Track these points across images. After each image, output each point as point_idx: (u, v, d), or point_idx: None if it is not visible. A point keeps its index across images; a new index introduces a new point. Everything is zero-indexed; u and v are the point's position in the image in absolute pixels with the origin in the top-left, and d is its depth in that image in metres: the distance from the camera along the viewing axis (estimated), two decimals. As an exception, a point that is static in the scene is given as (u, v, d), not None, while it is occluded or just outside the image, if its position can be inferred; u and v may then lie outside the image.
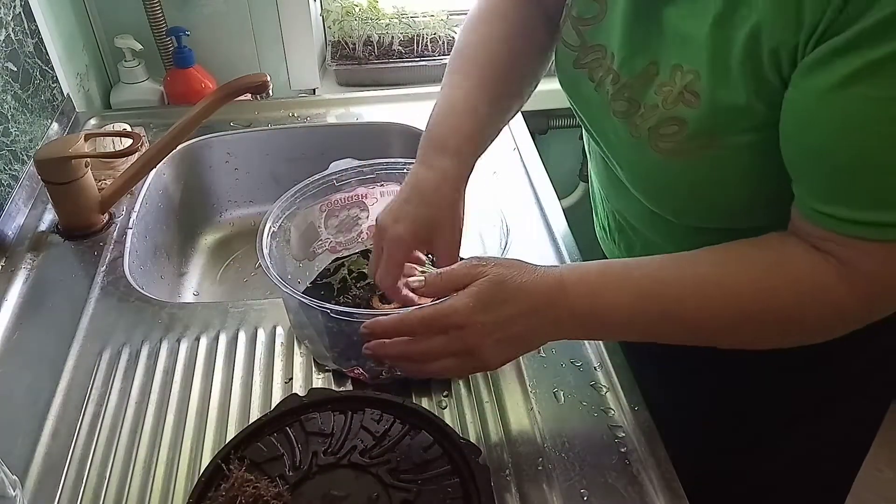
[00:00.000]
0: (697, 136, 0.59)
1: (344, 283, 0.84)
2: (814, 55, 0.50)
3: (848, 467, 0.91)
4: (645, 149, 0.63)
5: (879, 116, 0.49)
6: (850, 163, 0.52)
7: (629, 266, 0.63)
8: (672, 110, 0.60)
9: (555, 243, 0.93)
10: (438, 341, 0.62)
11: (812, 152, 0.54)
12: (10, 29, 1.01)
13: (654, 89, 0.61)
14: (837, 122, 0.51)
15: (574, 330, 0.63)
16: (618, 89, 0.65)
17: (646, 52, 0.62)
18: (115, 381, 0.75)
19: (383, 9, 1.44)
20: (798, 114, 0.53)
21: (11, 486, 0.58)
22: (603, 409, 0.71)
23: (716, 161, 0.60)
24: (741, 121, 0.57)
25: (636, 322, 0.61)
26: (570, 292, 0.61)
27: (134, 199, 1.03)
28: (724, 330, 0.61)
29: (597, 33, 0.68)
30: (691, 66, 0.58)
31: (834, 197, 0.54)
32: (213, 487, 0.61)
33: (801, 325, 0.59)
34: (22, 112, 1.02)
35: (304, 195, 0.81)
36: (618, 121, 0.65)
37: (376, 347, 0.65)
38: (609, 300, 0.61)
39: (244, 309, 0.84)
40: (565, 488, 0.64)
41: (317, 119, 1.21)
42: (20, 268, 0.91)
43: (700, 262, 0.60)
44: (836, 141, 0.52)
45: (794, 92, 0.53)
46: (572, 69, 0.71)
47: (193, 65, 1.30)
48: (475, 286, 0.61)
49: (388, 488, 0.61)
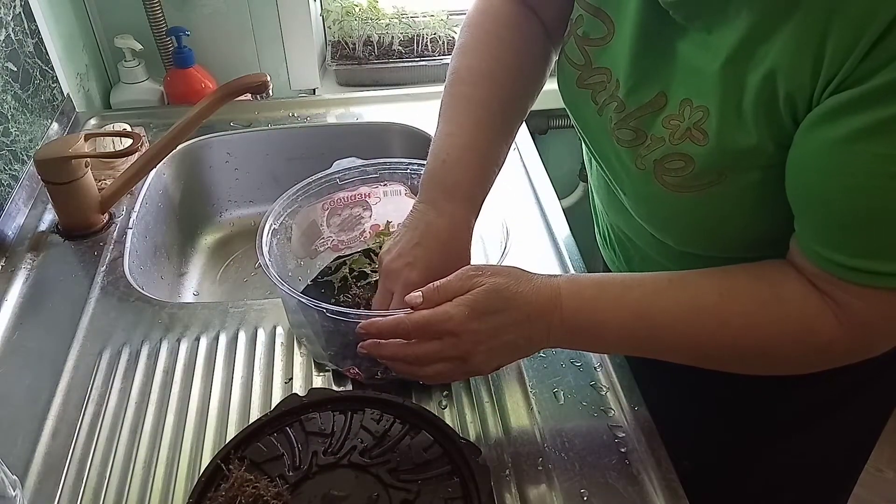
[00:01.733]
0: (704, 173, 0.59)
1: (345, 281, 0.84)
2: (826, 104, 0.50)
3: (850, 469, 0.90)
4: (650, 181, 0.63)
5: (883, 172, 0.49)
6: (849, 214, 0.52)
7: (627, 285, 0.63)
8: (679, 146, 0.60)
9: (555, 243, 0.93)
10: (432, 346, 0.62)
11: (815, 198, 0.54)
12: (10, 29, 1.01)
13: (662, 121, 0.61)
14: (842, 174, 0.51)
15: (564, 341, 0.64)
16: (623, 118, 0.64)
17: (655, 82, 0.62)
18: (115, 381, 0.75)
19: (383, 9, 1.44)
20: (802, 157, 0.54)
21: (11, 485, 0.58)
22: (603, 409, 0.71)
23: (722, 197, 0.60)
24: (750, 160, 0.57)
25: (625, 340, 0.63)
26: (566, 306, 0.61)
27: (134, 199, 1.03)
28: (711, 357, 0.62)
29: (603, 55, 0.67)
30: (701, 103, 0.58)
31: (832, 242, 0.54)
32: (213, 487, 0.61)
33: (787, 362, 0.62)
34: (22, 112, 1.02)
35: (307, 193, 0.81)
36: (622, 149, 0.65)
37: (371, 347, 0.65)
38: (602, 318, 0.62)
39: (244, 309, 0.84)
40: (565, 488, 0.64)
41: (317, 119, 1.21)
42: (20, 268, 0.91)
43: (698, 289, 0.61)
44: (839, 192, 0.52)
45: (802, 136, 0.53)
46: (575, 87, 0.70)
47: (193, 65, 1.30)
48: (472, 295, 0.61)
49: (388, 488, 0.61)
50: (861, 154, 0.49)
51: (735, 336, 0.59)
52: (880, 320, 0.56)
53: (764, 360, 0.62)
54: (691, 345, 0.62)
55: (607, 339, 0.63)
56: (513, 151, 1.12)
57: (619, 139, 0.65)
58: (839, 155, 0.51)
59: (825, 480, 0.90)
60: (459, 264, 0.67)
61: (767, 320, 0.58)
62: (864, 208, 0.51)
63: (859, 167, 0.50)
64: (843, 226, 0.53)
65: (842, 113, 0.50)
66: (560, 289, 0.62)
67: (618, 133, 0.65)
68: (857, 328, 0.56)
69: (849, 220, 0.53)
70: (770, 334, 0.58)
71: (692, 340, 0.61)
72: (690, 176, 0.60)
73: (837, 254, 0.54)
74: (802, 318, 0.57)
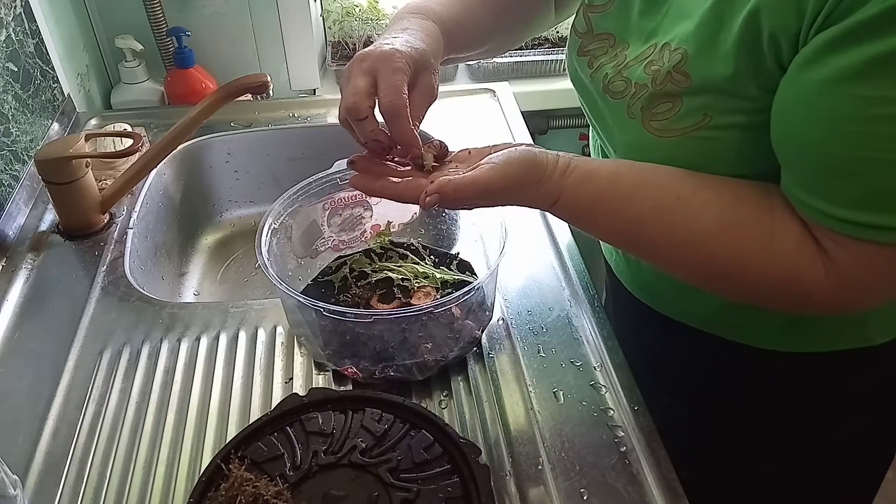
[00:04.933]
0: (689, 114, 0.59)
1: (345, 281, 0.84)
2: (811, 46, 0.50)
3: (858, 475, 0.89)
4: (640, 129, 0.63)
5: (869, 116, 0.48)
6: (834, 159, 0.51)
7: (629, 197, 0.62)
8: (662, 88, 0.60)
9: (554, 243, 0.93)
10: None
11: (798, 143, 0.54)
12: (11, 29, 1.01)
13: (644, 67, 0.62)
14: (827, 116, 0.51)
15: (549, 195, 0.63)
16: (618, 70, 0.66)
17: (651, 36, 0.64)
18: (116, 381, 0.76)
19: (383, 9, 1.44)
20: (789, 103, 0.53)
21: (12, 485, 0.58)
22: (603, 409, 0.71)
23: (707, 142, 0.60)
24: (732, 99, 0.57)
25: (616, 234, 0.65)
26: (564, 199, 0.62)
27: (134, 199, 1.03)
28: (693, 276, 0.64)
29: (603, 21, 0.69)
30: (679, 45, 0.59)
31: (815, 189, 0.54)
32: (214, 487, 0.61)
33: (765, 298, 0.62)
34: (22, 112, 1.03)
35: (307, 193, 0.82)
36: (615, 102, 0.66)
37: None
38: (597, 212, 0.63)
39: (244, 309, 0.84)
40: (565, 488, 0.64)
41: (317, 119, 1.21)
42: (21, 268, 0.91)
43: (700, 214, 0.59)
44: (824, 135, 0.51)
45: (788, 80, 0.53)
46: (576, 56, 0.72)
47: (194, 65, 1.30)
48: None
49: (388, 488, 0.61)
50: (845, 96, 0.49)
51: (723, 265, 0.59)
52: (865, 275, 0.54)
53: (744, 290, 0.61)
54: (679, 263, 0.62)
55: (599, 223, 0.64)
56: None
57: (612, 93, 0.66)
58: (823, 98, 0.50)
59: (828, 486, 0.88)
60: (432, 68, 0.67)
61: (759, 256, 0.57)
62: (848, 155, 0.50)
63: (843, 110, 0.49)
64: (827, 172, 0.52)
65: (825, 52, 0.49)
66: (563, 189, 0.62)
67: (611, 87, 0.66)
68: (841, 280, 0.55)
69: (833, 167, 0.52)
70: (758, 269, 0.58)
71: (681, 261, 0.62)
72: (676, 118, 0.60)
73: (822, 202, 0.53)
74: (794, 261, 0.56)
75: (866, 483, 0.89)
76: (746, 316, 0.71)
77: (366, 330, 0.72)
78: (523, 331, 0.80)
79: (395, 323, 0.72)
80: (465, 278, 0.83)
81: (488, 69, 1.50)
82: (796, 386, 0.78)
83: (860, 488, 0.89)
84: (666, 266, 0.65)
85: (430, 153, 0.64)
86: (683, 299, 0.77)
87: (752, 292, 0.61)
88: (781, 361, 0.75)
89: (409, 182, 0.63)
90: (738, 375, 0.80)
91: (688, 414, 0.85)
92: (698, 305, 0.76)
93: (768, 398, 0.80)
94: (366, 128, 0.63)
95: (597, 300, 0.83)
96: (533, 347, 0.78)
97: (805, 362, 0.74)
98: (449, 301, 0.70)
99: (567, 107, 1.53)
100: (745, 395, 0.82)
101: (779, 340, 0.74)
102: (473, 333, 0.77)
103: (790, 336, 0.73)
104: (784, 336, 0.73)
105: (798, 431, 0.82)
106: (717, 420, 0.86)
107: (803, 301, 0.59)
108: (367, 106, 0.62)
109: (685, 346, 0.81)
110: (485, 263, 0.85)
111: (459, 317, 0.75)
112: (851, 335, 0.72)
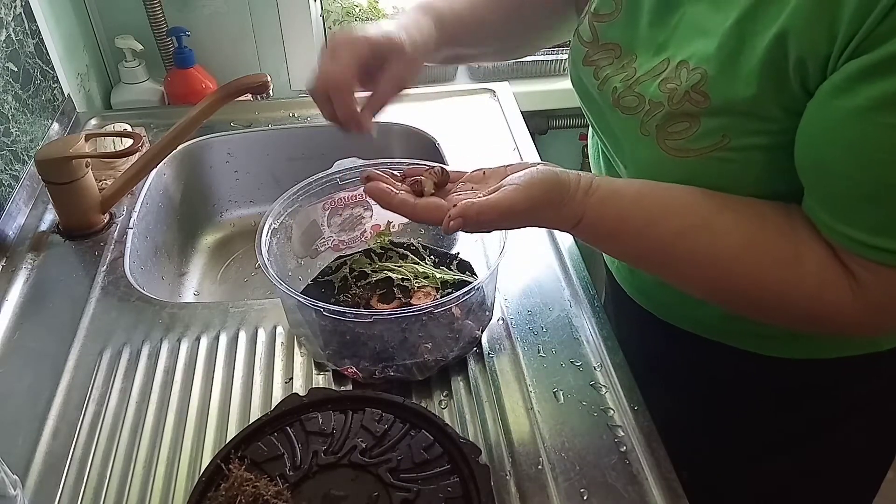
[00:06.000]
0: (707, 134, 0.58)
1: (345, 281, 0.84)
2: (842, 73, 0.50)
3: (858, 476, 0.88)
4: (653, 147, 0.62)
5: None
6: (860, 185, 0.51)
7: (651, 218, 0.61)
8: (680, 108, 0.59)
9: (555, 244, 0.93)
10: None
11: (825, 168, 0.53)
12: (11, 29, 1.01)
13: (659, 84, 0.61)
14: (856, 144, 0.50)
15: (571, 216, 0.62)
16: (629, 85, 0.64)
17: (662, 49, 0.63)
18: (116, 381, 0.76)
19: (383, 9, 1.44)
20: (816, 129, 0.53)
21: (12, 485, 0.58)
22: (603, 409, 0.71)
23: (725, 163, 0.59)
24: (753, 120, 0.56)
25: (639, 258, 0.64)
26: (587, 219, 0.61)
27: (134, 199, 1.03)
28: (717, 297, 0.63)
29: (609, 31, 0.68)
30: (698, 64, 0.58)
31: (841, 214, 0.53)
32: (214, 487, 0.61)
33: (791, 319, 0.62)
34: (22, 112, 1.03)
35: (308, 193, 0.82)
36: (627, 118, 0.65)
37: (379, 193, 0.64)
38: (619, 230, 0.62)
39: (244, 309, 0.84)
40: (565, 488, 0.64)
41: (317, 119, 1.21)
42: (21, 268, 0.91)
43: (722, 238, 0.59)
44: (851, 162, 0.51)
45: (816, 106, 0.52)
46: (581, 66, 0.71)
47: (194, 65, 1.30)
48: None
49: (388, 488, 0.61)
50: (874, 124, 0.48)
51: (746, 286, 0.59)
52: (890, 300, 0.54)
53: (766, 311, 0.61)
54: (702, 283, 0.62)
55: (623, 243, 0.63)
56: (513, 151, 1.12)
57: (623, 108, 0.65)
58: (853, 126, 0.50)
59: (827, 488, 0.88)
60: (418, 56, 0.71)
61: (782, 277, 0.57)
62: (875, 181, 0.50)
63: (872, 138, 0.49)
64: (853, 198, 0.52)
65: (857, 81, 0.49)
66: (586, 209, 0.61)
67: (622, 102, 0.65)
68: (868, 304, 0.55)
69: (859, 193, 0.52)
70: (780, 290, 0.57)
71: (704, 281, 0.61)
72: (693, 138, 0.59)
73: (848, 227, 0.53)
74: (817, 283, 0.56)
75: (866, 483, 0.89)
76: (752, 324, 0.71)
77: (366, 330, 0.72)
78: (523, 331, 0.80)
79: (395, 323, 0.72)
80: (465, 278, 0.83)
81: (488, 69, 1.50)
82: (802, 391, 0.77)
83: (860, 489, 0.89)
84: (687, 286, 0.64)
85: (431, 180, 0.65)
86: (687, 307, 0.77)
87: (774, 313, 0.61)
88: (788, 367, 0.74)
89: (427, 202, 0.62)
90: (742, 380, 0.80)
91: (688, 414, 0.85)
92: (702, 313, 0.75)
93: (772, 402, 0.80)
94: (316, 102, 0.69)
95: (597, 300, 0.83)
96: (533, 347, 0.78)
97: (812, 368, 0.74)
98: (449, 301, 0.70)
99: (567, 107, 1.53)
100: (749, 398, 0.81)
101: (786, 348, 0.73)
102: (473, 333, 0.77)
103: (798, 344, 0.73)
104: (792, 344, 0.73)
105: (799, 433, 0.82)
106: (717, 421, 0.86)
107: (825, 323, 0.58)
108: (318, 81, 0.68)
109: (688, 351, 0.81)
110: (485, 263, 0.85)
111: (459, 317, 0.75)
112: (861, 342, 0.72)
